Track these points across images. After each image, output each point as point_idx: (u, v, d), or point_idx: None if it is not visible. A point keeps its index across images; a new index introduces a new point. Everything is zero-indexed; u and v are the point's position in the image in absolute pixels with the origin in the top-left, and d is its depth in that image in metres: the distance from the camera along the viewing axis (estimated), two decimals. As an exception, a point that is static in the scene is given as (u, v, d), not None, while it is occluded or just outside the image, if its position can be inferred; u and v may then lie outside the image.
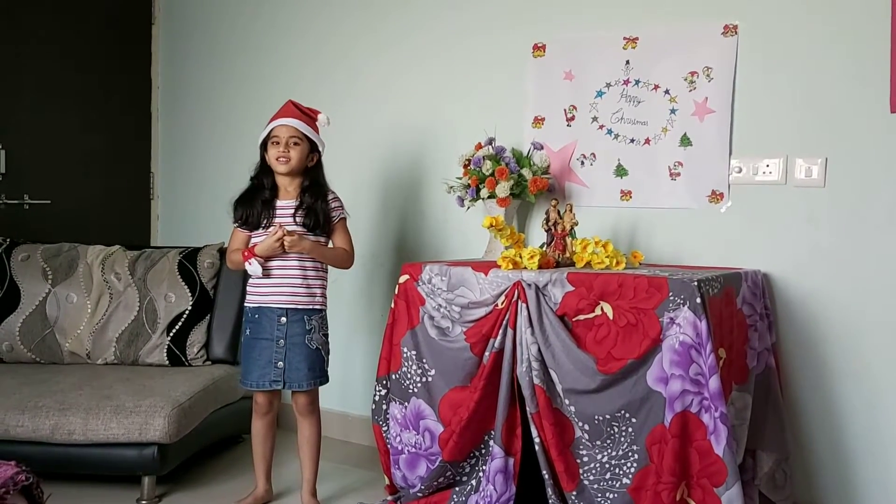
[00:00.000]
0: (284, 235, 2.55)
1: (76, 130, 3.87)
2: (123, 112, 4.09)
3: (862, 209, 2.54)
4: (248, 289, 2.70)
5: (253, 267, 2.59)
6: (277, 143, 2.63)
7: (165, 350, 3.25)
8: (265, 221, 2.65)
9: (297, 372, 2.65)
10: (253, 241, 2.68)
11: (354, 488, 2.97)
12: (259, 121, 2.77)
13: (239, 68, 3.90)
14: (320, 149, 2.72)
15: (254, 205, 2.67)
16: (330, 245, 2.73)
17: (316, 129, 2.71)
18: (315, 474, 2.75)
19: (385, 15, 3.45)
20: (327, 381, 2.74)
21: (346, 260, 2.72)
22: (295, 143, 2.63)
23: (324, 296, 2.71)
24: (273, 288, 2.64)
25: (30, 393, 2.81)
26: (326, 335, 2.72)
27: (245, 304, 2.72)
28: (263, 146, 2.69)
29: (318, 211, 2.65)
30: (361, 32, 3.52)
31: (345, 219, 2.73)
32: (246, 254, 2.61)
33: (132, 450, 2.71)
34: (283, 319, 2.64)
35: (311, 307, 2.66)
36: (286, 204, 2.66)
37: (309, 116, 2.70)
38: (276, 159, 2.62)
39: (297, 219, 2.64)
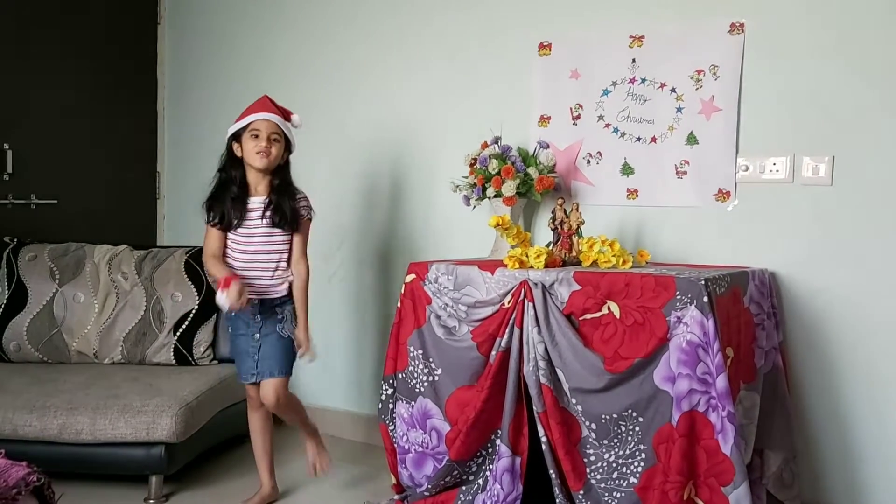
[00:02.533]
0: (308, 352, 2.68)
1: (82, 130, 3.87)
2: (129, 112, 4.09)
3: (869, 208, 2.53)
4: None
5: (221, 299, 2.50)
6: (257, 136, 2.61)
7: (172, 349, 3.26)
8: (236, 221, 2.64)
9: (268, 360, 2.67)
10: (230, 245, 2.67)
11: (359, 486, 2.97)
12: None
13: (245, 67, 3.91)
14: (292, 149, 2.73)
15: (224, 202, 2.65)
16: (292, 270, 2.71)
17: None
18: (307, 425, 2.83)
19: (390, 15, 3.45)
20: (290, 374, 2.72)
21: (307, 276, 2.71)
22: (275, 140, 2.63)
23: (289, 283, 2.71)
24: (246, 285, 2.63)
25: (38, 392, 2.82)
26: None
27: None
28: (235, 138, 2.66)
29: (286, 209, 2.65)
30: (367, 31, 3.51)
31: (310, 220, 2.73)
32: (222, 282, 2.52)
33: (139, 449, 2.72)
34: (258, 317, 2.68)
35: (282, 294, 2.69)
36: (257, 201, 2.66)
37: (284, 115, 2.69)
38: (257, 153, 2.61)
39: (266, 215, 2.63)
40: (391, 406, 2.69)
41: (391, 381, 2.69)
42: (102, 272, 3.36)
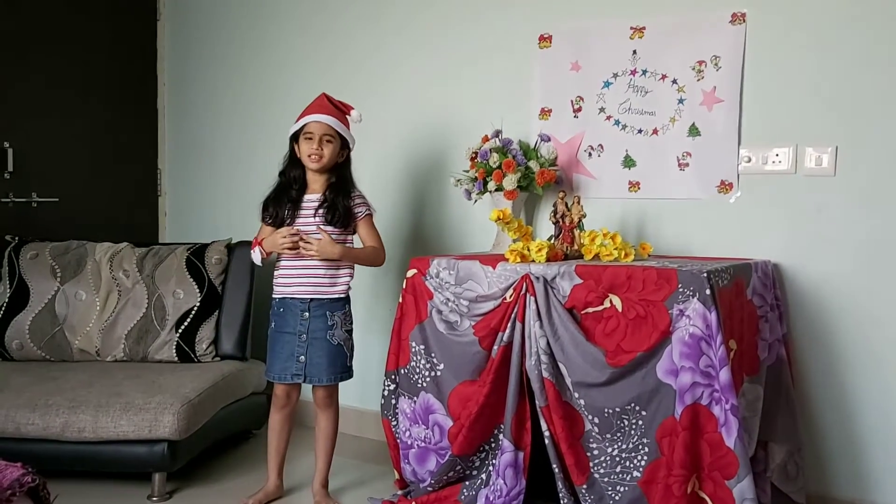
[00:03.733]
0: (300, 241, 2.57)
1: (83, 128, 3.86)
2: (130, 109, 4.08)
3: (873, 198, 2.51)
4: (274, 280, 2.71)
5: (254, 255, 2.66)
6: (310, 138, 2.62)
7: (174, 347, 3.26)
8: (289, 220, 2.66)
9: (317, 367, 2.66)
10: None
11: (365, 483, 2.96)
12: (266, 115, 2.77)
13: (245, 64, 3.89)
14: (351, 146, 2.72)
15: (281, 203, 2.68)
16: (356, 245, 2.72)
17: (347, 125, 2.70)
18: (328, 466, 2.77)
19: (390, 7, 3.43)
20: (350, 376, 2.74)
21: (376, 258, 2.71)
22: (328, 141, 2.63)
23: (347, 285, 2.71)
24: (298, 279, 2.66)
25: (40, 391, 2.81)
26: (350, 331, 2.72)
27: (272, 296, 2.73)
28: (295, 138, 2.68)
29: (339, 207, 2.64)
30: (365, 25, 3.50)
31: (370, 215, 2.72)
32: (254, 242, 2.67)
33: (142, 447, 2.72)
34: (307, 314, 2.65)
35: (333, 297, 2.67)
36: (311, 198, 2.68)
37: (341, 111, 2.70)
38: (309, 156, 2.63)
39: (319, 212, 2.64)
40: (393, 402, 2.69)
41: (393, 377, 2.68)
42: (104, 270, 3.35)
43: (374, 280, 3.50)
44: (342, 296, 2.70)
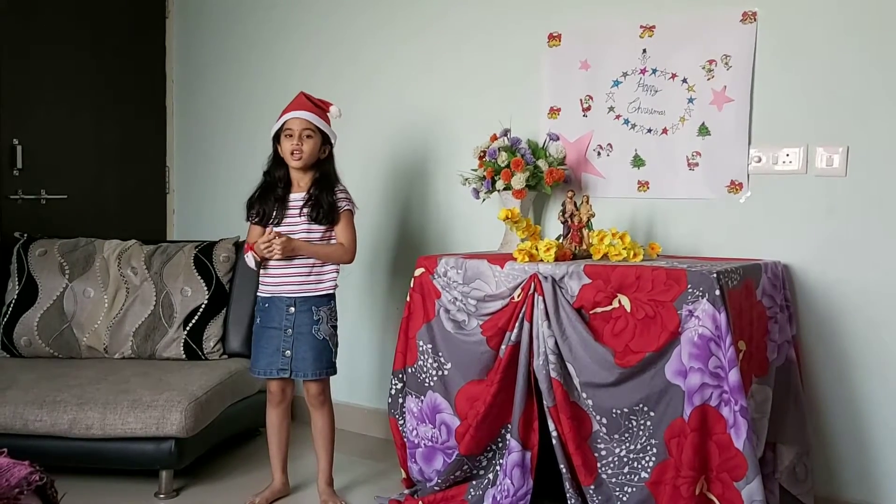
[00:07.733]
0: (272, 240, 2.58)
1: (92, 125, 3.87)
2: (138, 107, 4.09)
3: (884, 198, 2.49)
4: (261, 278, 2.72)
5: (248, 259, 2.66)
6: (290, 135, 2.64)
7: (182, 344, 3.26)
8: (276, 220, 2.66)
9: (304, 362, 2.66)
10: None
11: (369, 481, 2.96)
12: (274, 114, 2.76)
13: (253, 62, 3.90)
14: (332, 141, 2.72)
15: (267, 201, 2.69)
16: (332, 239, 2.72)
17: (328, 121, 2.71)
18: (330, 464, 2.77)
19: (400, 6, 3.42)
20: (335, 372, 2.73)
21: (342, 255, 2.69)
22: (308, 136, 2.64)
23: (333, 281, 2.70)
24: (283, 278, 2.66)
25: (48, 387, 2.82)
26: (335, 327, 2.72)
27: (257, 294, 2.74)
28: (276, 138, 2.70)
29: (324, 203, 2.65)
30: (375, 24, 3.49)
31: (350, 211, 2.70)
32: (246, 247, 2.67)
33: (150, 444, 2.72)
34: (292, 309, 2.66)
35: (319, 294, 2.67)
36: (297, 197, 2.68)
37: (321, 108, 2.71)
38: (290, 153, 2.64)
39: (304, 211, 2.64)
40: (401, 401, 2.68)
41: (400, 376, 2.68)
42: (112, 267, 3.36)
43: (380, 277, 3.50)
44: (329, 292, 2.70)
